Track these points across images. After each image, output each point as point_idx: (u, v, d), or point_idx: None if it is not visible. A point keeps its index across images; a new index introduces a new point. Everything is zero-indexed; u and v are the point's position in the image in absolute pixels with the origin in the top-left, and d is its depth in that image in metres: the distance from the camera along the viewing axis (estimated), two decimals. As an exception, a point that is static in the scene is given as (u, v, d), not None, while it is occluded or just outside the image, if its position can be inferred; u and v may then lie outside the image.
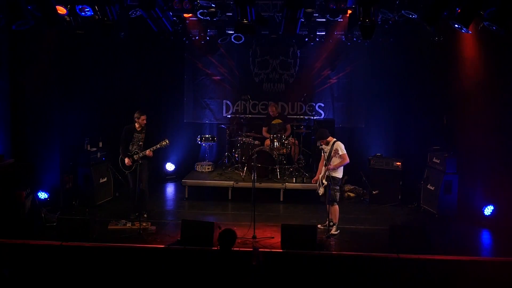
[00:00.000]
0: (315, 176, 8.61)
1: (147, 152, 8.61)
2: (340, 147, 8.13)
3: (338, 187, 8.20)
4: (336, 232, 8.03)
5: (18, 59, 9.10)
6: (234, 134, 11.22)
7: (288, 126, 11.07)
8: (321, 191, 8.23)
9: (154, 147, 8.66)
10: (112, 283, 6.94)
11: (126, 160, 8.67)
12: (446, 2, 7.40)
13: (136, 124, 8.75)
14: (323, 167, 8.24)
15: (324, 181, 8.11)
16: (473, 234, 8.44)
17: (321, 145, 8.27)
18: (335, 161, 8.10)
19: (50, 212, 8.62)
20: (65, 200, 9.44)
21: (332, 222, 8.07)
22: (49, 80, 9.50)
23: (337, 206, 8.12)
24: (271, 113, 11.20)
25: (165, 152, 11.52)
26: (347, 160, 8.11)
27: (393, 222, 8.79)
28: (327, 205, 8.12)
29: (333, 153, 8.10)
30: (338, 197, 8.18)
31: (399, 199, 9.88)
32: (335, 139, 8.28)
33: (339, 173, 8.17)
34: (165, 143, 8.67)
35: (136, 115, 8.71)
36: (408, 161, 10.12)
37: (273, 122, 10.99)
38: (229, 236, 5.85)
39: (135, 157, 8.63)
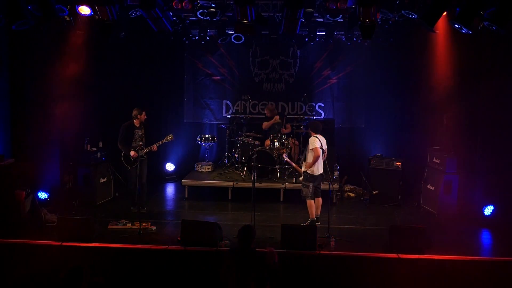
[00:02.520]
0: None
1: (154, 147, 8.94)
2: (311, 141, 8.22)
3: (307, 183, 8.27)
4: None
5: (18, 59, 9.10)
6: (234, 134, 11.22)
7: (288, 125, 11.06)
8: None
9: (161, 142, 8.98)
10: (112, 283, 6.94)
11: (132, 153, 8.86)
12: (446, 2, 7.40)
13: (135, 121, 9.00)
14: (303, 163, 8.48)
15: (300, 178, 8.39)
16: (473, 234, 8.43)
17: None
18: (309, 157, 8.23)
19: (50, 212, 8.63)
20: (65, 200, 9.44)
21: (317, 216, 8.37)
22: (49, 80, 9.50)
23: (310, 201, 8.32)
24: (268, 115, 11.19)
25: (165, 152, 11.53)
26: (318, 153, 8.12)
27: (393, 222, 8.78)
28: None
29: (307, 148, 8.26)
30: (307, 193, 8.29)
31: (399, 199, 9.88)
32: (315, 136, 8.28)
33: (310, 169, 8.25)
34: (170, 137, 9.02)
35: (135, 112, 8.99)
36: (408, 161, 10.11)
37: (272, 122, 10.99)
38: (248, 232, 5.79)
39: (141, 152, 8.81)
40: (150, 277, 7.08)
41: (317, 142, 8.17)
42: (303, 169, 8.35)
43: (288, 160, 8.77)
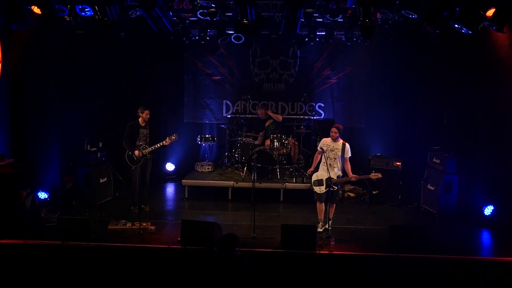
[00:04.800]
0: (310, 168, 8.50)
1: (166, 141, 8.97)
2: (348, 149, 8.18)
3: (339, 186, 8.21)
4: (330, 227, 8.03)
5: (18, 59, 9.10)
6: (234, 134, 11.21)
7: (279, 116, 11.07)
8: (321, 189, 8.06)
9: (169, 140, 8.98)
10: (112, 283, 6.95)
11: (137, 152, 8.90)
12: (446, 2, 7.40)
13: (140, 119, 9.07)
14: (327, 167, 8.01)
15: (334, 186, 7.92)
16: (473, 234, 8.44)
17: (320, 143, 8.25)
18: (346, 166, 8.11)
19: (50, 212, 8.63)
20: (65, 200, 9.45)
21: (330, 220, 8.08)
22: (49, 80, 9.50)
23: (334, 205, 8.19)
24: (260, 116, 11.17)
25: (165, 152, 11.52)
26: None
27: (393, 222, 8.79)
28: (331, 204, 8.10)
29: (344, 155, 8.08)
30: (339, 196, 8.21)
31: (399, 199, 9.88)
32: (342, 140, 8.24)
33: (339, 173, 8.16)
34: (174, 137, 9.05)
35: (139, 110, 9.05)
36: (408, 161, 10.11)
37: (266, 124, 10.97)
38: (229, 241, 5.75)
39: (144, 151, 8.89)
40: (150, 277, 7.08)
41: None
42: (351, 177, 8.15)
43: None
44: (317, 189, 8.12)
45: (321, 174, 8.10)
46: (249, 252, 7.15)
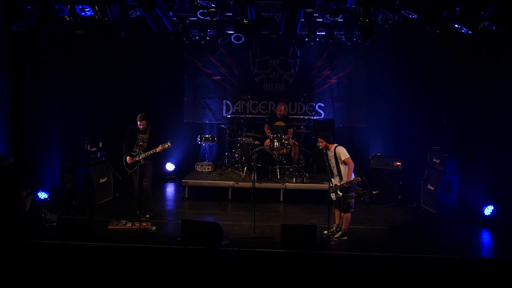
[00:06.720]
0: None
1: (158, 149, 8.65)
2: (342, 152, 7.82)
3: (352, 193, 7.94)
4: (343, 238, 7.89)
5: (18, 59, 9.10)
6: (234, 134, 11.22)
7: (290, 130, 11.02)
8: (333, 196, 7.93)
9: (162, 147, 8.66)
10: (113, 283, 6.94)
11: (128, 158, 8.73)
12: (446, 2, 7.41)
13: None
14: (336, 177, 7.92)
15: (339, 192, 7.80)
16: (473, 234, 8.44)
17: (321, 146, 8.20)
18: (344, 170, 7.79)
19: (50, 212, 8.63)
20: (65, 200, 9.44)
21: (340, 228, 7.99)
22: (49, 80, 9.50)
23: (349, 214, 7.91)
24: (278, 113, 11.09)
25: (165, 152, 11.50)
26: (352, 164, 7.78)
27: (393, 222, 8.79)
28: (340, 212, 7.99)
29: (339, 160, 7.82)
30: (353, 204, 7.92)
31: (399, 199, 9.88)
32: (336, 144, 7.97)
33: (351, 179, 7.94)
34: (167, 145, 8.76)
35: (138, 117, 8.81)
36: (408, 161, 10.12)
37: (275, 123, 10.95)
38: (214, 235, 5.69)
39: (138, 157, 8.70)
40: (150, 277, 7.08)
41: (346, 151, 7.84)
42: (343, 182, 7.76)
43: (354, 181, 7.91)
44: (331, 195, 8.01)
45: (332, 181, 7.97)
46: (249, 252, 7.16)
